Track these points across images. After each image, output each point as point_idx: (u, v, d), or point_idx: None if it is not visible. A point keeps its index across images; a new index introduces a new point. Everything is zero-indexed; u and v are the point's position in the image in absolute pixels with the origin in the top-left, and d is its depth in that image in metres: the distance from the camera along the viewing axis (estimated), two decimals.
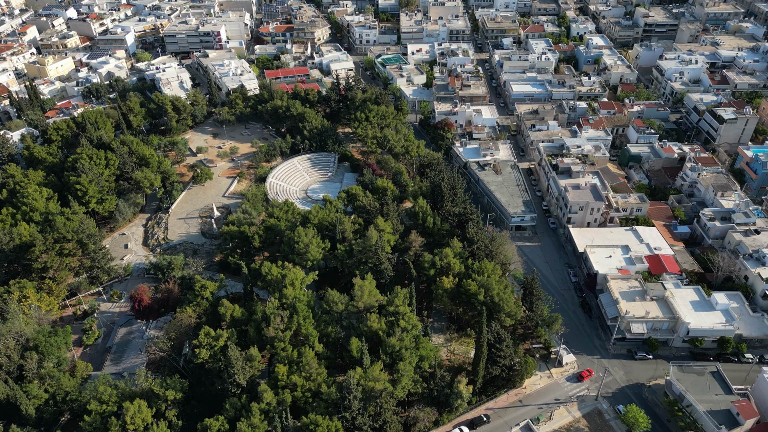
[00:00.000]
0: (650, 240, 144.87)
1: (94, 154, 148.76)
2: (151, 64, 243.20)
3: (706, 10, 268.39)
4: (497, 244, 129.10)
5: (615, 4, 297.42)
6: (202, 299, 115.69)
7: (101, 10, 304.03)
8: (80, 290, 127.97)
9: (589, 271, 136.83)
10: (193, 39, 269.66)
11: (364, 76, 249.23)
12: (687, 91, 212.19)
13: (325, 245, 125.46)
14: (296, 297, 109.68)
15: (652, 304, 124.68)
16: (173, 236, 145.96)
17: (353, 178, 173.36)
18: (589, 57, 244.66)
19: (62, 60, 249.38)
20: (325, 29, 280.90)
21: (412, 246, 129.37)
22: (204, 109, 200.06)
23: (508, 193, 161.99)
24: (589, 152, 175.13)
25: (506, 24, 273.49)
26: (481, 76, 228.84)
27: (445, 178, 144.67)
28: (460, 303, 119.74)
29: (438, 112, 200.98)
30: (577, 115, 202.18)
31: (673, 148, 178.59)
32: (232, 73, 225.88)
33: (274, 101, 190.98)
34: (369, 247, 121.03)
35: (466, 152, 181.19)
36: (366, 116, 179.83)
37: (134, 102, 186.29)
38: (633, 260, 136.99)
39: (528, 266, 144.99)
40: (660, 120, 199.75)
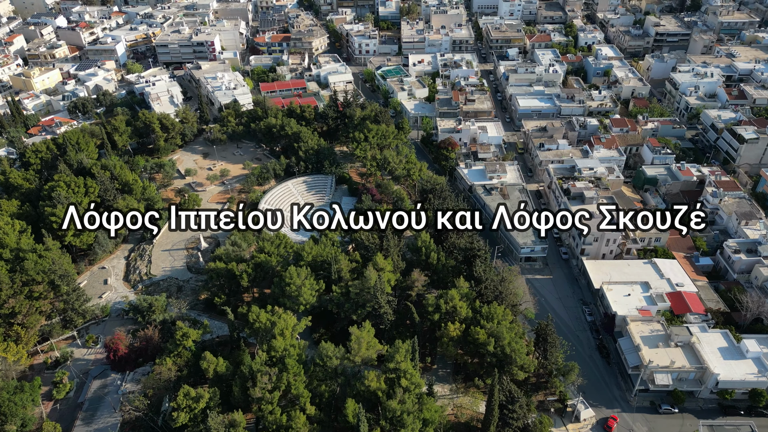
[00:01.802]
0: (671, 274, 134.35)
1: (72, 182, 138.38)
2: (141, 76, 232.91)
3: (719, 19, 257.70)
4: (507, 283, 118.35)
5: (624, 12, 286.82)
6: (183, 349, 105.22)
7: (92, 18, 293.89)
8: (52, 335, 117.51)
9: (607, 312, 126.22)
10: (186, 49, 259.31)
11: (364, 88, 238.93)
12: (703, 106, 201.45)
13: (320, 286, 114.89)
14: (286, 350, 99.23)
15: (677, 351, 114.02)
16: (157, 270, 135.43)
17: (351, 203, 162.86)
18: (599, 69, 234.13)
19: (49, 72, 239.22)
20: (323, 39, 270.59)
21: (415, 285, 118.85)
22: (194, 127, 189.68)
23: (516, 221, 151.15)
24: (602, 175, 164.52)
25: (511, 33, 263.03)
26: (486, 90, 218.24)
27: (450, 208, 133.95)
28: (468, 352, 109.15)
29: (441, 130, 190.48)
30: (587, 132, 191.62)
31: (692, 170, 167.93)
32: (225, 86, 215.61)
33: (268, 119, 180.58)
34: (367, 289, 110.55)
35: (471, 174, 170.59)
36: (365, 136, 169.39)
37: (119, 121, 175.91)
38: (654, 299, 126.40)
39: (539, 302, 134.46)
40: (676, 138, 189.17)
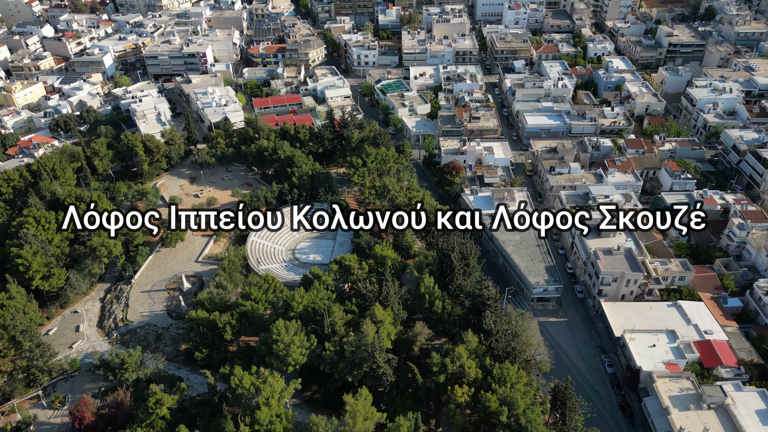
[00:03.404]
0: (698, 319, 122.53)
1: (43, 217, 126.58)
2: (128, 91, 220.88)
3: (736, 29, 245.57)
4: (521, 339, 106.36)
5: (634, 21, 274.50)
6: (157, 418, 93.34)
7: (80, 26, 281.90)
8: (14, 395, 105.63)
9: (630, 365, 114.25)
10: (177, 61, 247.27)
11: (362, 102, 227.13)
12: (723, 125, 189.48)
13: (311, 342, 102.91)
14: (272, 422, 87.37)
15: (710, 415, 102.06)
16: (134, 315, 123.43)
17: (348, 234, 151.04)
18: (610, 83, 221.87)
19: (32, 86, 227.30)
20: (321, 49, 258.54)
21: (417, 339, 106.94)
22: (181, 149, 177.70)
23: (527, 256, 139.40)
24: (619, 203, 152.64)
25: (517, 44, 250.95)
26: (491, 106, 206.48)
27: (455, 247, 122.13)
28: (478, 420, 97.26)
29: (444, 151, 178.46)
30: (600, 154, 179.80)
31: (715, 197, 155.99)
32: (216, 103, 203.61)
33: (259, 141, 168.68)
34: (364, 346, 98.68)
35: (478, 202, 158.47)
36: (363, 161, 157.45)
37: (100, 144, 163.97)
38: (681, 350, 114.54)
39: (553, 346, 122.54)
40: (695, 160, 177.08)
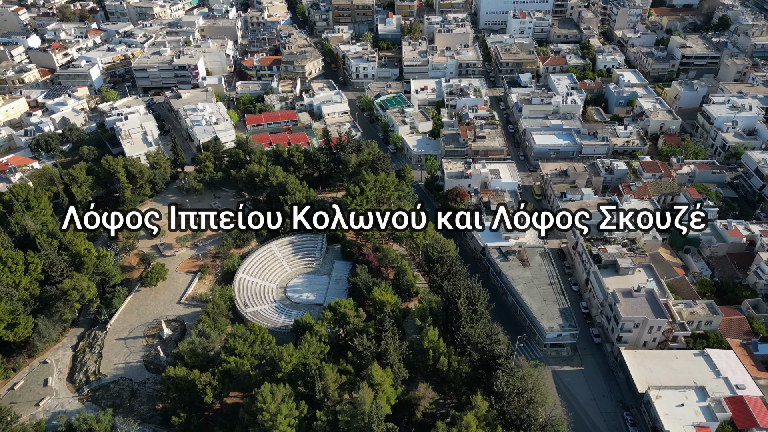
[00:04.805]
0: (728, 371, 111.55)
1: (9, 258, 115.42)
2: (114, 107, 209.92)
3: (752, 41, 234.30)
4: (536, 403, 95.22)
5: (644, 31, 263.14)
6: None
7: (68, 36, 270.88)
8: None
9: (656, 426, 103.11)
10: (167, 73, 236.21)
11: (361, 118, 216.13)
12: (743, 145, 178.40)
13: (301, 410, 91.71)
14: None
15: None
16: (108, 368, 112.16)
17: (345, 268, 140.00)
18: (622, 98, 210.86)
19: (14, 101, 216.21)
20: (318, 61, 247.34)
21: (420, 403, 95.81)
22: (167, 173, 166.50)
23: (539, 296, 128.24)
24: (636, 236, 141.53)
25: (523, 56, 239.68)
26: (497, 124, 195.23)
27: (462, 292, 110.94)
28: None
29: (448, 174, 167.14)
30: (614, 178, 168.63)
31: (739, 228, 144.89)
32: (206, 121, 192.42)
33: (250, 166, 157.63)
34: (360, 416, 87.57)
35: (484, 233, 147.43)
36: (361, 189, 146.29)
37: (79, 170, 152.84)
38: (712, 410, 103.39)
39: (568, 400, 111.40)
40: (716, 185, 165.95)
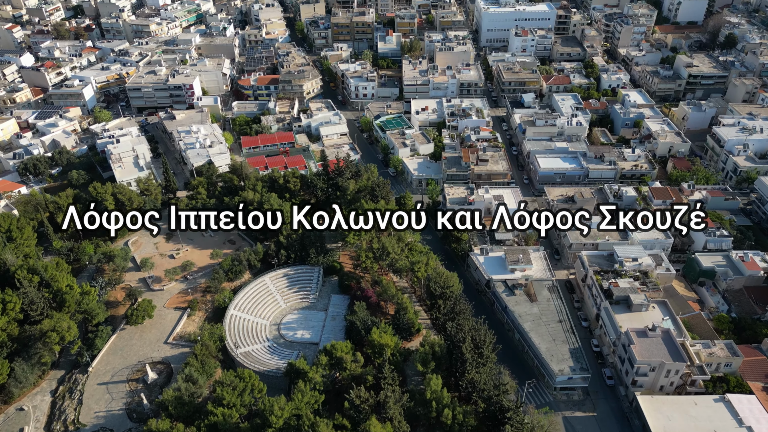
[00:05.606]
0: (752, 419, 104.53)
1: None
2: (106, 129, 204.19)
3: (760, 60, 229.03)
4: None
5: (649, 49, 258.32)
6: None
7: (63, 54, 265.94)
8: None
9: None
10: (162, 93, 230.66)
11: (360, 139, 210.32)
12: (756, 170, 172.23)
13: None
14: None
15: None
16: (88, 416, 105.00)
17: (342, 303, 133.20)
18: (628, 119, 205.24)
19: (4, 122, 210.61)
20: (316, 81, 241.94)
21: None
22: (158, 200, 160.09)
23: (548, 335, 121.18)
24: (649, 268, 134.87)
25: (526, 75, 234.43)
26: (500, 146, 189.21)
27: (467, 336, 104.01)
28: None
29: (450, 200, 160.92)
30: (623, 205, 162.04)
31: (756, 259, 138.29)
32: (200, 144, 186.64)
33: (244, 192, 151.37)
34: None
35: (489, 264, 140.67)
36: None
37: (64, 200, 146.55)
38: None
39: None
40: (730, 212, 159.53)
